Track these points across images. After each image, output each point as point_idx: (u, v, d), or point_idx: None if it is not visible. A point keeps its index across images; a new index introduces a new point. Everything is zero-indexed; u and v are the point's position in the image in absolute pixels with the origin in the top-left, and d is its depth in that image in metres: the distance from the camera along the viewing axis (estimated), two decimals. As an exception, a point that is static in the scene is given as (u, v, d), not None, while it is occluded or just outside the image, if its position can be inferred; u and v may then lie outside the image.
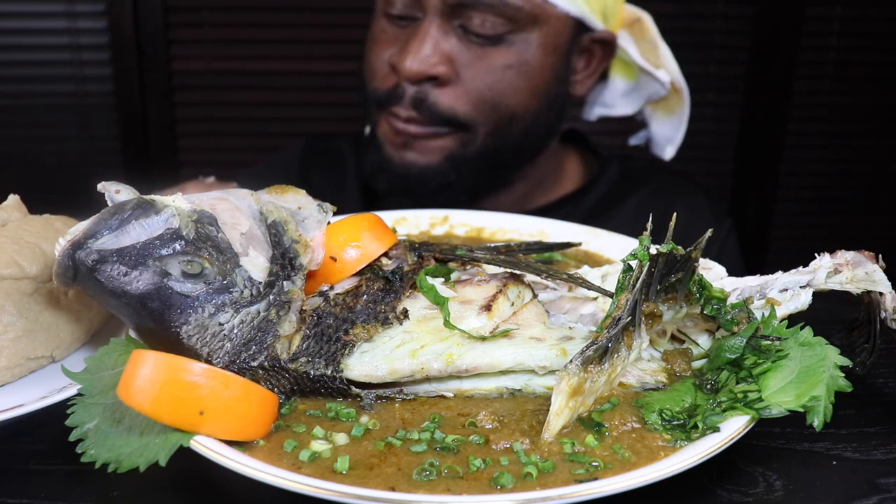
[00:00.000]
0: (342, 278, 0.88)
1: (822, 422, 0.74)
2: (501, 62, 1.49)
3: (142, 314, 0.77)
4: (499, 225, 1.26)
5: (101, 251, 0.74)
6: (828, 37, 3.30)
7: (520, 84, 1.52)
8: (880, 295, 0.89)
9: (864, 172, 3.50)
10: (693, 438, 0.73)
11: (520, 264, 0.91)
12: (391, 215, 1.24)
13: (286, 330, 0.79)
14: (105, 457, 0.70)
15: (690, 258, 0.78)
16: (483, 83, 1.49)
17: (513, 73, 1.50)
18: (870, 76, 3.35)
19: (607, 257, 1.15)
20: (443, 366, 0.79)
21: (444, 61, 1.47)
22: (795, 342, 0.80)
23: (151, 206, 0.77)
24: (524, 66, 1.51)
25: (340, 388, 0.79)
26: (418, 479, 0.68)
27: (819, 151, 3.46)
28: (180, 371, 0.69)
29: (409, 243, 0.93)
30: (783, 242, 3.51)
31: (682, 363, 0.84)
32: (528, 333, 0.83)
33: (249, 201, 0.85)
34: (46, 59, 3.10)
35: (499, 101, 1.51)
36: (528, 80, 1.52)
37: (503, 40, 1.48)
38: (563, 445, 0.73)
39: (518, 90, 1.52)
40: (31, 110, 3.13)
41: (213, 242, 0.79)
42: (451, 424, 0.76)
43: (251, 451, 0.71)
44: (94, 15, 3.06)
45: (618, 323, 0.77)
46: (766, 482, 0.78)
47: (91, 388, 0.76)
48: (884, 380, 0.98)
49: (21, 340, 0.87)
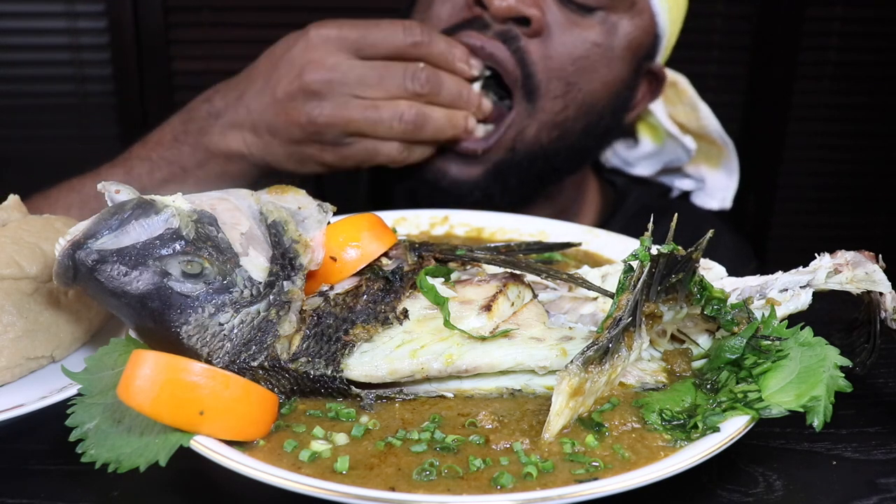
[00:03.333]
0: (342, 278, 0.88)
1: (822, 422, 0.74)
2: (592, 37, 1.40)
3: (142, 314, 0.77)
4: (499, 225, 1.26)
5: (101, 251, 0.74)
6: (828, 37, 3.30)
7: (600, 69, 1.43)
8: (880, 295, 0.89)
9: (864, 172, 3.50)
10: (693, 438, 0.73)
11: (520, 264, 0.92)
12: (391, 215, 1.24)
13: (286, 330, 0.79)
14: (105, 457, 0.70)
15: (691, 259, 0.78)
16: (569, 52, 1.39)
17: (598, 53, 1.42)
18: (870, 76, 3.35)
19: (607, 257, 1.15)
20: (443, 366, 0.79)
21: (538, 6, 1.36)
22: (795, 342, 0.80)
23: (151, 206, 0.77)
24: (609, 51, 1.43)
25: (340, 388, 0.79)
26: (418, 479, 0.68)
27: (819, 151, 3.46)
28: (180, 371, 0.69)
29: (409, 243, 0.93)
30: (783, 242, 3.51)
31: (682, 363, 0.84)
32: (528, 333, 0.83)
33: (249, 201, 0.85)
34: (46, 59, 3.10)
35: (574, 80, 1.42)
36: (607, 67, 1.44)
37: (596, 14, 1.41)
38: (563, 445, 0.73)
39: (597, 75, 1.43)
40: (31, 110, 3.13)
41: (213, 242, 0.79)
42: (451, 424, 0.76)
43: (251, 451, 0.71)
44: (94, 15, 3.06)
45: (619, 323, 0.77)
46: (766, 482, 0.78)
47: (91, 388, 0.76)
48: (884, 380, 0.98)
49: (21, 340, 0.87)
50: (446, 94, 1.32)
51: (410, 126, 1.30)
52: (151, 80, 3.12)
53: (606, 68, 1.44)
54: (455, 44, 1.34)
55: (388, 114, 1.29)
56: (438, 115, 1.32)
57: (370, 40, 1.30)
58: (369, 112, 1.29)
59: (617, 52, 1.45)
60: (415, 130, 1.30)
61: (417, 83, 1.29)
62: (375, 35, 1.30)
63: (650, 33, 1.50)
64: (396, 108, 1.29)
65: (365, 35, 1.30)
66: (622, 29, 1.44)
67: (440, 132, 1.33)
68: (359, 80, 1.28)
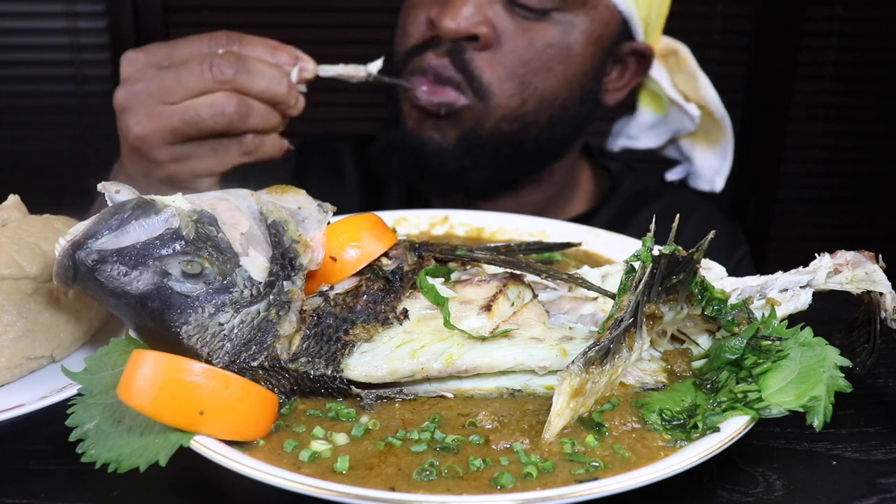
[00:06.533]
0: (342, 278, 0.88)
1: (822, 422, 0.74)
2: (543, 40, 1.46)
3: (142, 314, 0.77)
4: (499, 225, 1.26)
5: (101, 251, 0.74)
6: (828, 37, 3.30)
7: (556, 67, 1.48)
8: (880, 295, 0.90)
9: (864, 172, 3.50)
10: (693, 438, 0.73)
11: (520, 264, 0.92)
12: (391, 215, 1.24)
13: (286, 330, 0.79)
14: (105, 457, 0.70)
15: (692, 260, 0.78)
16: (519, 58, 1.45)
17: (552, 54, 1.47)
18: (870, 76, 3.35)
19: (607, 257, 1.15)
20: (443, 366, 0.79)
21: (487, 24, 1.43)
22: (795, 342, 0.80)
23: (151, 206, 0.77)
24: (564, 49, 1.47)
25: (340, 388, 0.79)
26: (418, 479, 0.68)
27: (819, 151, 3.46)
28: (180, 371, 0.69)
29: (409, 243, 0.93)
30: (783, 242, 3.51)
31: (682, 363, 0.84)
32: (528, 333, 0.83)
33: (249, 201, 0.85)
34: (46, 59, 3.10)
35: (529, 80, 1.47)
36: (564, 64, 1.49)
37: (549, 17, 1.45)
38: (564, 445, 0.73)
39: (552, 73, 1.48)
40: (31, 110, 3.13)
41: (213, 242, 0.79)
42: (451, 424, 0.76)
43: (251, 451, 0.71)
44: (94, 15, 3.06)
45: (620, 324, 0.77)
46: (766, 482, 0.78)
47: (91, 388, 0.76)
48: (884, 380, 0.98)
49: (21, 340, 0.87)
50: (259, 79, 1.22)
51: (235, 117, 1.22)
52: (151, 81, 3.12)
53: (563, 66, 1.49)
54: (278, 47, 1.28)
55: (207, 111, 1.21)
56: (261, 111, 1.25)
57: (175, 55, 1.25)
58: (188, 114, 1.22)
59: (575, 49, 1.48)
60: (241, 120, 1.23)
61: (219, 70, 1.20)
62: (181, 49, 1.25)
63: (612, 22, 1.52)
64: (214, 102, 1.21)
65: (171, 51, 1.25)
66: (578, 26, 1.47)
67: (267, 119, 1.27)
68: (161, 86, 1.23)
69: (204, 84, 1.21)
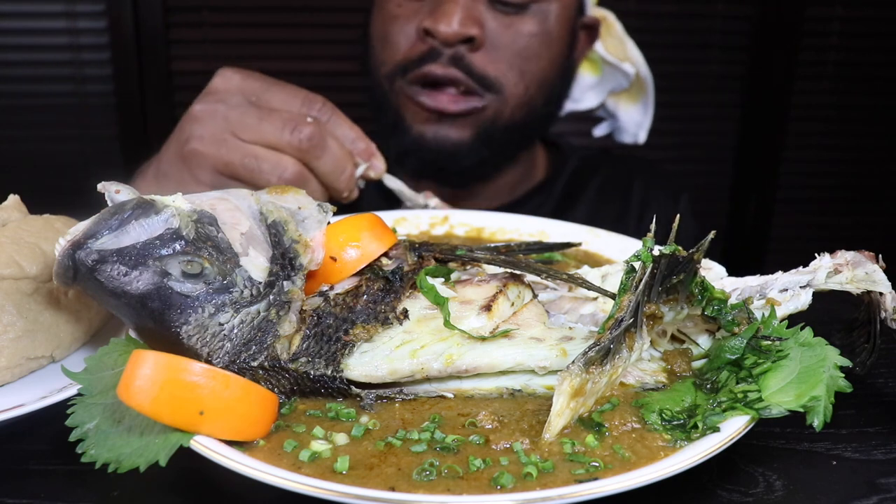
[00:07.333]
0: (342, 278, 0.88)
1: (822, 422, 0.74)
2: (527, 30, 1.58)
3: (142, 314, 0.77)
4: (499, 225, 1.26)
5: (101, 251, 0.74)
6: (828, 37, 3.31)
7: (542, 52, 1.61)
8: (880, 295, 0.89)
9: (864, 172, 3.50)
10: (693, 438, 0.73)
11: (520, 264, 0.92)
12: (391, 215, 1.24)
13: (286, 330, 0.79)
14: (105, 457, 0.70)
15: (693, 259, 0.78)
16: (511, 48, 1.57)
17: (537, 41, 1.59)
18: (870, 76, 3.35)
19: (607, 257, 1.16)
20: (443, 366, 0.79)
21: (477, 24, 1.53)
22: (795, 342, 0.80)
23: (151, 206, 0.77)
24: (546, 35, 1.60)
25: (340, 388, 0.79)
26: (418, 479, 0.68)
27: (819, 151, 3.46)
28: (180, 371, 0.69)
29: (409, 243, 0.93)
30: (783, 242, 3.51)
31: (682, 363, 0.84)
32: (528, 333, 0.83)
33: (249, 201, 0.85)
34: (46, 59, 3.10)
35: (526, 67, 1.59)
36: (548, 48, 1.62)
37: (527, 10, 1.58)
38: (564, 445, 0.73)
39: (541, 57, 1.61)
40: (31, 110, 3.13)
41: (213, 242, 0.79)
42: (451, 424, 0.76)
43: (251, 451, 0.71)
44: (94, 15, 3.06)
45: (620, 324, 0.77)
46: (766, 482, 0.78)
47: (91, 388, 0.76)
48: (884, 380, 0.98)
49: (21, 340, 0.87)
50: (329, 160, 1.24)
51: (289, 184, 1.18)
52: (151, 80, 3.12)
53: (548, 49, 1.63)
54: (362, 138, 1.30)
55: (269, 166, 1.22)
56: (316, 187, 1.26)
57: (267, 96, 1.26)
58: (248, 160, 1.22)
59: (554, 34, 1.63)
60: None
61: (298, 136, 1.22)
62: (275, 94, 1.27)
63: (574, 2, 1.68)
64: (279, 162, 1.22)
65: (265, 90, 1.27)
66: (553, 12, 1.61)
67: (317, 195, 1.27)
68: (240, 119, 1.23)
69: (277, 141, 1.23)
